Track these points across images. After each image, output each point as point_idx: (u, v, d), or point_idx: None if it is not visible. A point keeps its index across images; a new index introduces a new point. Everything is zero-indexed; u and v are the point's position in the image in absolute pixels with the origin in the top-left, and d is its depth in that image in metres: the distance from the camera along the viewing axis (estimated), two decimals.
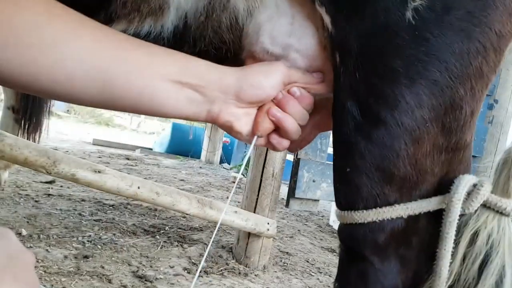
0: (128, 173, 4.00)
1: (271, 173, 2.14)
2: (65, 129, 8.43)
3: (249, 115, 0.54)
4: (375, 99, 0.49)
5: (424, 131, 0.49)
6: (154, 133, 14.11)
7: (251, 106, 0.54)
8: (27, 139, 2.45)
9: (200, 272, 1.95)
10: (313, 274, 2.25)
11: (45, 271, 1.62)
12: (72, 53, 0.44)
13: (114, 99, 0.48)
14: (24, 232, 1.93)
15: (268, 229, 2.11)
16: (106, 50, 0.46)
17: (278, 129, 0.56)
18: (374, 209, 0.52)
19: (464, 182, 0.50)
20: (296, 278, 2.15)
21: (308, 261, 2.45)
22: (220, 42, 0.60)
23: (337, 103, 0.53)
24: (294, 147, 0.64)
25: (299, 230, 3.17)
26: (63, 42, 0.43)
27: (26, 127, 2.43)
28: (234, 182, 4.72)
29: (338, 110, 0.53)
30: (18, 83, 0.44)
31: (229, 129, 0.54)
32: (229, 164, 6.65)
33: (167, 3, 0.57)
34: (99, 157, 4.86)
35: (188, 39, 0.59)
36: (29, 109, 2.21)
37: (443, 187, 0.52)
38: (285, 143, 0.57)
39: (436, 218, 0.52)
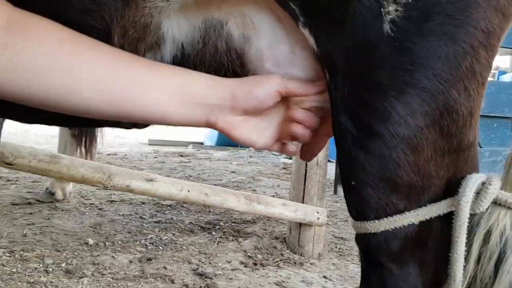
0: (183, 171, 4.19)
1: (316, 162, 2.14)
2: (122, 133, 8.86)
3: (247, 122, 0.59)
4: (366, 113, 0.50)
5: (422, 138, 0.49)
6: None
7: (247, 114, 0.58)
8: (86, 153, 2.64)
9: (256, 265, 2.01)
10: None
11: (112, 278, 1.75)
12: (88, 81, 0.50)
13: (128, 115, 0.54)
14: (90, 242, 2.09)
15: (318, 218, 2.13)
16: (119, 73, 0.52)
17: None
18: (385, 219, 0.53)
19: (472, 183, 0.50)
20: (353, 263, 2.14)
21: None
22: (219, 64, 0.63)
23: (334, 118, 0.54)
24: (309, 156, 0.66)
25: None
26: (78, 70, 0.49)
27: (83, 141, 2.62)
28: (284, 168, 4.75)
29: (335, 125, 0.54)
30: (46, 104, 0.50)
31: (228, 136, 0.59)
32: None
33: (162, 38, 0.60)
34: (155, 157, 5.08)
35: (188, 65, 0.62)
36: None
37: (452, 188, 0.51)
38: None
39: (449, 218, 0.51)
